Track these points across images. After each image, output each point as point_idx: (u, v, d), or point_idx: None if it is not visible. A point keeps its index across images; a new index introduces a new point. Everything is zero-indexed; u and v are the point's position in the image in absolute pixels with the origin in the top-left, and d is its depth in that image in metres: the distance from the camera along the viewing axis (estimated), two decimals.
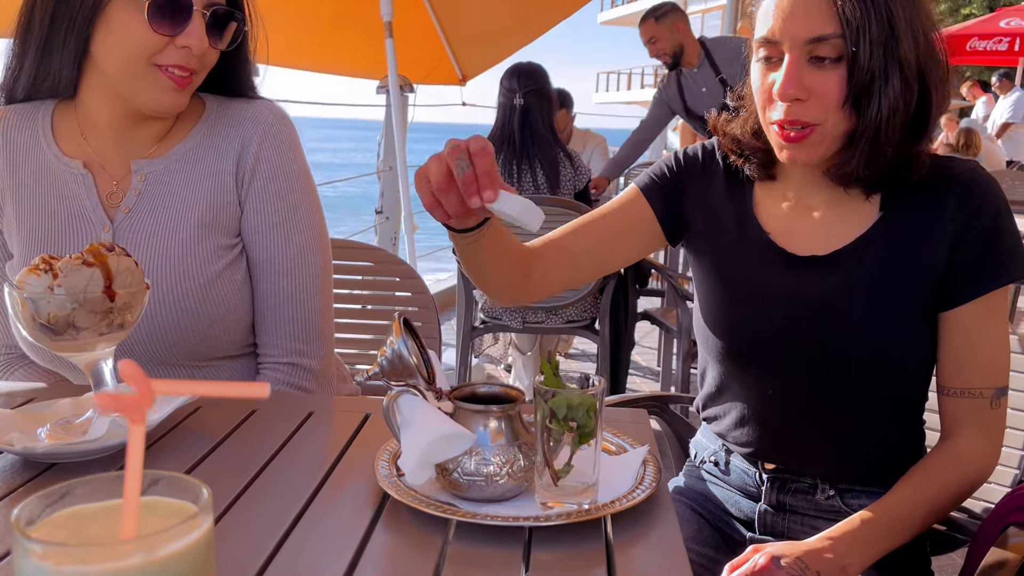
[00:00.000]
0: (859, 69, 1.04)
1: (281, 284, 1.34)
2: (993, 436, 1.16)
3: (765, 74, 1.11)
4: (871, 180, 1.13)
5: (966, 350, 1.13)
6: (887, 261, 1.14)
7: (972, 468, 1.15)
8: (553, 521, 0.83)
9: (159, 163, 1.32)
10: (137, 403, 0.45)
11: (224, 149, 1.33)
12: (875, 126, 1.06)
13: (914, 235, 1.14)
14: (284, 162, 1.35)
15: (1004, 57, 10.08)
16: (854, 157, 1.09)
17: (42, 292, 0.94)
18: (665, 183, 1.30)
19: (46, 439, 1.00)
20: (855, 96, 1.06)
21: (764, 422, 1.26)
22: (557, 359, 0.90)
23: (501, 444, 0.88)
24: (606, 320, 3.18)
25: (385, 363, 0.90)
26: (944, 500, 1.13)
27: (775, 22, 1.07)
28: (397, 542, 0.83)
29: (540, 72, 3.40)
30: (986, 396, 1.13)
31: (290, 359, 1.35)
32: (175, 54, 1.22)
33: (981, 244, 1.10)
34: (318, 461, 1.00)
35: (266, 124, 1.35)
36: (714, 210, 1.28)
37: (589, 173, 3.42)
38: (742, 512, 1.33)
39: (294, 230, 1.35)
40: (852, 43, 1.03)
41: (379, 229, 5.08)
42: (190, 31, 1.20)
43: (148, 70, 1.22)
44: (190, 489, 0.51)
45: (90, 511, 0.50)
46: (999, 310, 1.13)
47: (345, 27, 4.71)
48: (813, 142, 1.10)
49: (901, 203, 1.15)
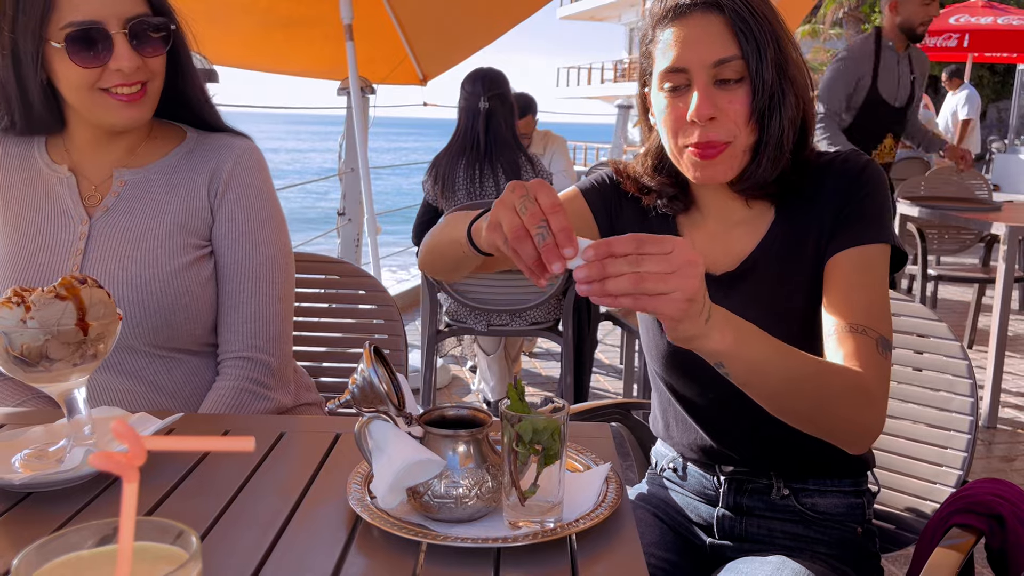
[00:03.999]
0: (760, 86, 1.14)
1: (245, 286, 1.43)
2: (880, 382, 1.10)
3: (673, 103, 1.18)
4: (771, 190, 1.22)
5: (844, 290, 1.16)
6: (784, 257, 1.23)
7: (860, 384, 1.07)
8: (520, 542, 0.87)
9: (139, 172, 1.43)
10: (129, 461, 0.48)
11: (199, 168, 1.44)
12: (777, 137, 1.17)
13: (804, 224, 1.23)
14: (255, 182, 1.46)
15: (953, 53, 10.32)
16: (760, 166, 1.19)
17: (14, 325, 0.95)
18: (604, 192, 1.37)
19: (20, 468, 1.01)
20: (759, 112, 1.15)
21: (711, 430, 1.32)
22: (523, 383, 0.94)
23: (470, 467, 0.92)
24: (569, 321, 3.23)
25: (356, 391, 0.94)
26: (829, 379, 1.06)
27: (679, 51, 1.15)
28: (370, 565, 0.86)
29: (502, 77, 3.45)
30: (871, 336, 1.11)
31: (248, 353, 1.42)
32: (113, 76, 1.30)
33: (856, 203, 1.19)
34: (291, 485, 1.03)
35: (239, 150, 1.46)
36: (643, 229, 1.33)
37: (550, 177, 3.47)
38: (701, 518, 1.38)
39: (262, 241, 1.44)
40: (752, 63, 1.13)
41: (341, 231, 5.07)
42: (116, 56, 1.28)
43: (97, 96, 1.31)
44: (176, 532, 0.54)
45: (84, 559, 0.53)
46: (876, 267, 1.18)
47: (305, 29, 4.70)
48: (725, 158, 1.17)
49: (792, 202, 1.25)
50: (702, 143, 1.16)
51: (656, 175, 1.30)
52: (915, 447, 1.50)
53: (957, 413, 1.45)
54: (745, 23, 1.13)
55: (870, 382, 1.08)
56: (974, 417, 1.43)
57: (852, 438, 1.11)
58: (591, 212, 1.36)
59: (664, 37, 1.17)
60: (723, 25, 1.13)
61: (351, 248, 5.03)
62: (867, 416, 1.09)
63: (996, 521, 1.22)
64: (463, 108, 3.39)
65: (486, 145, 3.33)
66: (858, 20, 23.13)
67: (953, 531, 1.23)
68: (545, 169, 3.44)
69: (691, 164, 1.19)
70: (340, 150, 5.02)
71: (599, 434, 1.18)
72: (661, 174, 1.29)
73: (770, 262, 1.24)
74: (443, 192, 3.36)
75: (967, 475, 1.43)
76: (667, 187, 1.29)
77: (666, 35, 1.17)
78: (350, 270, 1.91)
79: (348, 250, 5.01)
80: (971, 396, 1.44)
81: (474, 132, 3.35)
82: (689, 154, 1.18)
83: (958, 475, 1.43)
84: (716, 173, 1.19)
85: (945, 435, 1.46)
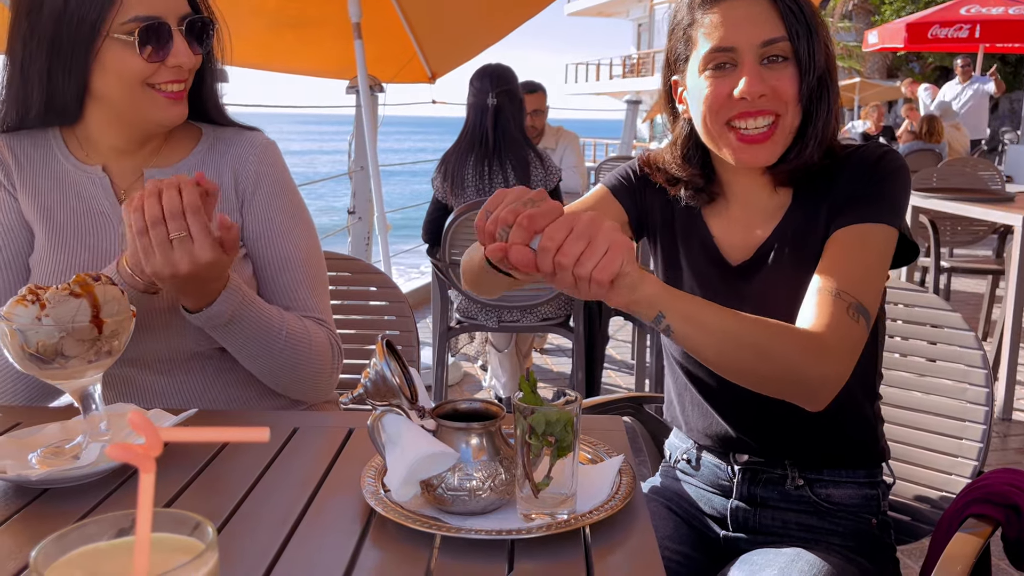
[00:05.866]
0: (810, 67, 1.16)
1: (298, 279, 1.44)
2: (843, 341, 1.10)
3: (716, 82, 1.19)
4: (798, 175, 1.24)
5: (833, 260, 1.16)
6: (797, 244, 1.24)
7: (811, 343, 1.08)
8: (535, 533, 0.87)
9: (167, 172, 1.41)
10: (146, 451, 0.48)
11: (223, 165, 1.44)
12: (825, 120, 1.20)
13: (817, 210, 1.23)
14: (281, 177, 1.47)
15: (965, 44, 10.25)
16: (807, 148, 1.20)
17: (30, 323, 0.96)
18: (631, 187, 1.38)
19: (37, 465, 1.02)
20: (807, 93, 1.17)
21: (727, 416, 1.32)
22: (535, 376, 0.94)
23: (483, 460, 0.92)
24: (580, 317, 3.23)
25: (369, 384, 0.94)
26: (773, 336, 1.07)
27: (725, 31, 1.17)
28: (386, 558, 0.87)
29: (510, 73, 3.44)
30: (845, 300, 1.11)
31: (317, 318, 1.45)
32: (168, 72, 1.30)
33: (862, 185, 1.20)
34: (305, 479, 1.03)
35: (261, 146, 1.46)
36: (669, 220, 1.36)
37: (559, 173, 3.46)
38: (715, 510, 1.38)
39: (300, 236, 1.46)
40: (798, 44, 1.16)
41: (352, 230, 5.08)
42: (176, 51, 1.29)
43: (146, 92, 1.30)
44: (193, 524, 0.55)
45: (102, 550, 0.53)
46: (874, 244, 1.17)
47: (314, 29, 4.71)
48: (775, 140, 1.19)
49: (809, 189, 1.25)
50: (752, 112, 1.17)
51: (686, 165, 1.31)
52: (930, 438, 1.50)
53: (972, 403, 1.44)
54: (791, 6, 1.16)
55: (824, 337, 1.08)
56: (989, 407, 1.43)
57: (805, 391, 1.09)
58: (623, 209, 1.37)
59: (709, 19, 1.19)
60: (769, 7, 1.16)
61: (361, 246, 5.04)
62: (818, 368, 1.07)
63: (1012, 511, 1.21)
64: (471, 104, 3.39)
65: (495, 141, 3.32)
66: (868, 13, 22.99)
67: (969, 521, 1.22)
68: (555, 165, 3.43)
69: (734, 146, 1.21)
70: (350, 148, 5.03)
71: (612, 427, 1.18)
72: (691, 164, 1.30)
73: (784, 249, 1.25)
74: (452, 189, 3.36)
75: (983, 466, 1.42)
76: (696, 177, 1.30)
77: (711, 17, 1.19)
78: (361, 267, 1.91)
79: (358, 248, 5.03)
80: (986, 386, 1.43)
81: (482, 128, 3.34)
82: (732, 138, 1.20)
83: (973, 466, 1.43)
84: (759, 156, 1.20)
85: (960, 425, 1.45)
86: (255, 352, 1.32)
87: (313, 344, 1.38)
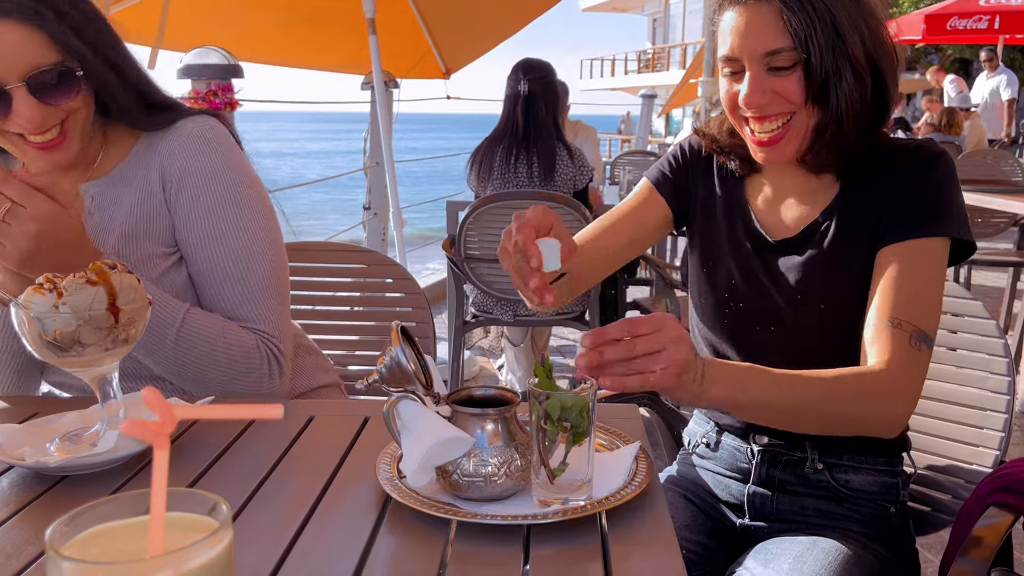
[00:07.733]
0: (813, 71, 1.15)
1: (234, 291, 1.32)
2: (909, 375, 1.12)
3: (731, 85, 1.22)
4: (840, 165, 1.24)
5: (889, 283, 1.17)
6: (844, 229, 1.24)
7: (876, 387, 1.10)
8: (551, 518, 0.86)
9: (103, 181, 1.34)
10: (160, 428, 0.48)
11: (151, 165, 1.34)
12: (837, 117, 1.18)
13: (867, 203, 1.23)
14: (207, 167, 1.33)
15: (985, 35, 10.15)
16: (824, 146, 1.20)
17: (47, 311, 0.97)
18: (674, 175, 1.42)
19: (56, 453, 1.03)
20: (815, 95, 1.17)
21: None
22: (551, 362, 0.93)
23: (498, 446, 0.92)
24: (596, 311, 3.22)
25: (384, 370, 0.94)
26: (836, 395, 1.08)
27: (732, 40, 1.19)
28: (401, 544, 0.87)
29: (546, 66, 3.44)
30: (905, 330, 1.12)
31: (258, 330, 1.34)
32: (18, 128, 1.21)
33: (917, 196, 1.20)
34: (321, 466, 1.03)
35: (188, 137, 1.33)
36: (709, 198, 1.39)
37: (591, 172, 3.40)
38: (732, 496, 1.37)
39: (231, 235, 1.32)
40: (803, 51, 1.14)
41: (368, 225, 5.10)
42: (17, 114, 1.19)
43: (15, 140, 1.24)
44: (209, 504, 0.55)
45: (118, 528, 0.53)
46: (929, 260, 1.17)
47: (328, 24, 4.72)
48: (789, 139, 1.20)
49: (859, 179, 1.26)
50: (757, 118, 1.20)
51: (731, 137, 1.33)
52: (951, 428, 1.48)
53: (993, 392, 1.42)
54: (796, 11, 1.14)
55: (889, 377, 1.10)
56: (1011, 396, 1.41)
57: (877, 431, 1.15)
58: (665, 203, 1.41)
59: (722, 23, 1.21)
60: (775, 13, 1.15)
61: (377, 241, 5.06)
62: (887, 409, 1.11)
63: None
64: (506, 97, 3.37)
65: (525, 129, 3.29)
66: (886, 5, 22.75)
67: (991, 510, 1.21)
68: (587, 164, 3.38)
69: (752, 147, 1.24)
70: (365, 144, 5.04)
71: (628, 414, 1.17)
72: (735, 136, 1.32)
73: (831, 232, 1.25)
74: (479, 177, 3.35)
75: (1004, 455, 1.40)
76: (739, 148, 1.32)
77: (724, 20, 1.20)
78: (377, 259, 1.91)
79: (374, 243, 5.04)
80: (1008, 375, 1.41)
81: (514, 117, 3.33)
82: (749, 137, 1.23)
83: (995, 455, 1.41)
84: (775, 156, 1.22)
85: (981, 415, 1.44)
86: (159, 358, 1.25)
87: (233, 352, 1.28)
